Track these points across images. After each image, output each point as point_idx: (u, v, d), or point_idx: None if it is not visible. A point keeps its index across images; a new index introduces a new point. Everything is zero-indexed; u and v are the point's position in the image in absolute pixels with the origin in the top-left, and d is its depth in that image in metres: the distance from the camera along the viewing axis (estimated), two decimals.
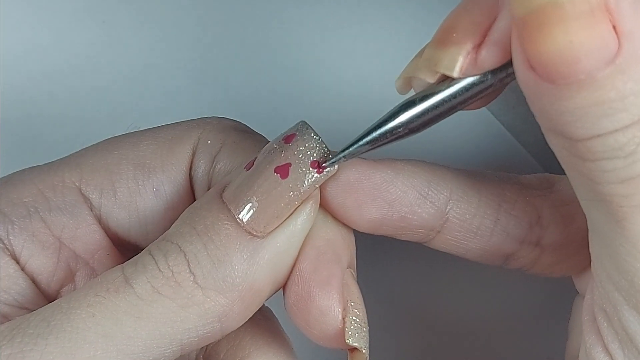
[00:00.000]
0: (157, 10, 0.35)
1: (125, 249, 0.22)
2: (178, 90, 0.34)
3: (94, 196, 0.21)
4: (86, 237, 0.21)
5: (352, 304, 0.20)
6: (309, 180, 0.19)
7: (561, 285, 0.33)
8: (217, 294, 0.19)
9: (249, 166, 0.20)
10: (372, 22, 0.35)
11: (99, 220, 0.21)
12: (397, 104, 0.20)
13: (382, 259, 0.27)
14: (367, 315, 0.21)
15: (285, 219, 0.19)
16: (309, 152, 0.20)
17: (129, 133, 0.22)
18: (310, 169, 0.19)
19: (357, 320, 0.20)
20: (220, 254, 0.19)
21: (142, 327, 0.18)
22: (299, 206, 0.20)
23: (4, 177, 0.22)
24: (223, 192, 0.20)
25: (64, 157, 0.22)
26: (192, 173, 0.22)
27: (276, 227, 0.19)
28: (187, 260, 0.19)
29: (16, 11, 0.35)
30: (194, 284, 0.19)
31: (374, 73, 0.34)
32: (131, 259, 0.19)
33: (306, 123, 0.20)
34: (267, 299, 0.20)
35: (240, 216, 0.19)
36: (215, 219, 0.19)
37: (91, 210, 0.21)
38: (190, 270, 0.19)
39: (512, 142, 0.30)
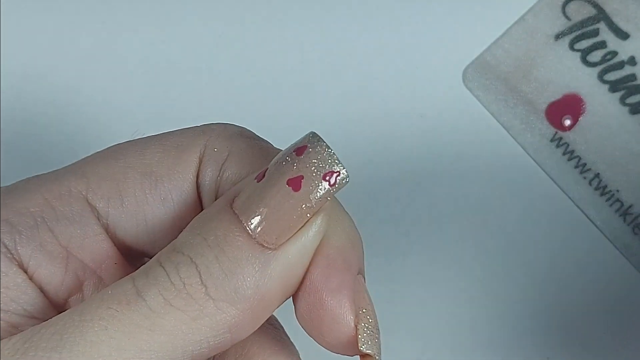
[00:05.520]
0: (157, 10, 0.35)
1: (132, 257, 0.22)
2: (178, 91, 0.34)
3: (101, 205, 0.21)
4: (94, 247, 0.21)
5: (364, 310, 0.20)
6: (321, 192, 0.19)
7: (561, 284, 0.33)
8: (228, 306, 0.19)
9: (260, 177, 0.20)
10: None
11: (106, 230, 0.21)
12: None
13: (382, 258, 0.27)
14: None
15: (297, 231, 0.20)
16: (321, 165, 0.19)
17: (134, 140, 0.22)
18: (323, 181, 0.19)
19: (370, 327, 0.20)
20: (232, 266, 0.19)
21: (155, 340, 0.18)
22: (310, 218, 0.20)
23: (7, 186, 0.21)
24: (233, 202, 0.19)
25: (68, 166, 0.22)
26: (199, 181, 0.22)
27: (288, 239, 0.19)
28: (199, 272, 0.19)
29: (16, 11, 0.35)
30: (206, 296, 0.19)
31: (376, 72, 0.34)
32: (141, 269, 0.19)
33: (317, 134, 0.20)
34: (276, 309, 0.20)
35: (251, 228, 0.19)
36: (227, 231, 0.19)
37: (98, 219, 0.21)
38: (202, 282, 0.19)
39: (512, 142, 0.30)
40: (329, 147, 0.20)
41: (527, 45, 0.26)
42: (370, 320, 0.20)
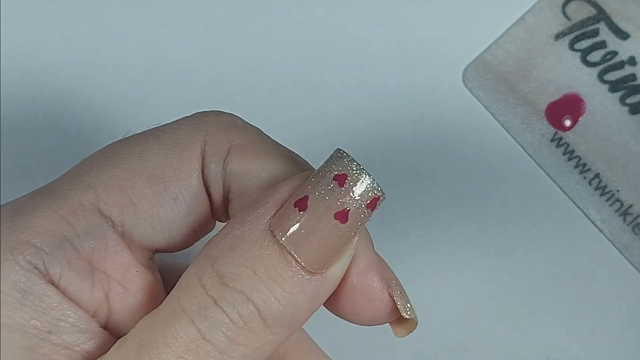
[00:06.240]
0: (157, 10, 0.35)
1: (147, 259, 0.22)
2: (179, 91, 0.34)
3: (114, 215, 0.21)
4: (115, 257, 0.21)
5: (393, 281, 0.22)
6: (365, 220, 0.20)
7: (561, 284, 0.33)
8: (285, 329, 0.20)
9: (303, 206, 0.20)
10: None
11: (122, 237, 0.21)
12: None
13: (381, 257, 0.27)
14: None
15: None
16: (365, 195, 0.20)
17: (129, 140, 0.22)
18: (367, 209, 0.20)
19: (403, 294, 0.22)
20: (287, 297, 0.20)
21: None
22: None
23: (10, 204, 0.21)
24: (276, 230, 0.20)
25: (68, 175, 0.22)
26: (205, 177, 0.22)
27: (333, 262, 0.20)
28: (258, 310, 0.20)
29: (16, 11, 0.35)
30: (266, 328, 0.20)
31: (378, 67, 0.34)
32: (194, 307, 0.20)
33: (346, 153, 0.21)
34: None
35: (302, 259, 0.20)
36: (276, 262, 0.20)
37: (114, 229, 0.21)
38: (261, 317, 0.20)
39: (512, 142, 0.30)
40: (367, 173, 0.20)
41: (527, 45, 0.26)
42: (401, 287, 0.22)
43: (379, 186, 0.20)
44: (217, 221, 0.23)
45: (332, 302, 0.22)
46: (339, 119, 0.34)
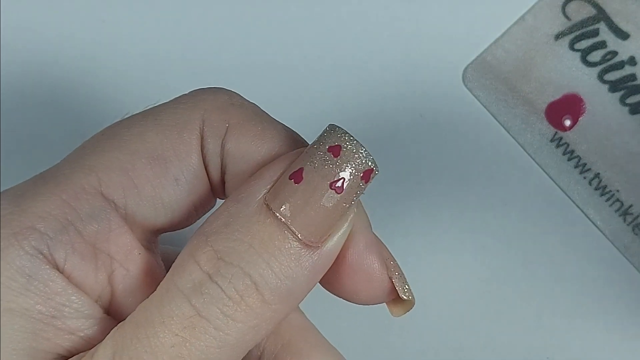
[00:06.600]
0: (157, 10, 0.35)
1: (149, 241, 0.22)
2: (178, 91, 0.34)
3: (117, 197, 0.21)
4: (118, 240, 0.21)
5: (392, 262, 0.22)
6: (360, 190, 0.20)
7: (561, 284, 0.33)
8: (282, 306, 0.20)
9: (298, 179, 0.20)
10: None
11: (125, 220, 0.21)
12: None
13: None
14: (365, 315, 0.21)
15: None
16: (360, 166, 0.20)
17: (128, 121, 0.22)
18: (362, 180, 0.20)
19: (401, 275, 0.22)
20: (285, 270, 0.20)
21: (224, 354, 0.19)
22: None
23: (12, 189, 0.21)
24: (272, 203, 0.20)
25: (69, 160, 0.22)
26: (204, 156, 0.22)
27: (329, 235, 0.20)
28: (255, 283, 0.19)
29: (16, 11, 0.35)
30: (263, 303, 0.20)
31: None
32: (189, 283, 0.19)
33: (338, 127, 0.21)
34: None
35: (298, 230, 0.20)
36: (272, 235, 0.20)
37: (117, 211, 0.21)
38: (258, 292, 0.19)
39: (512, 142, 0.30)
40: (361, 145, 0.20)
41: (527, 45, 0.26)
42: (399, 268, 0.22)
43: (373, 159, 0.21)
44: (217, 198, 0.23)
45: (332, 282, 0.22)
46: (339, 118, 0.34)
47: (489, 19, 0.30)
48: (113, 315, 0.22)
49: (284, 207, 0.20)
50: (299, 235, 0.20)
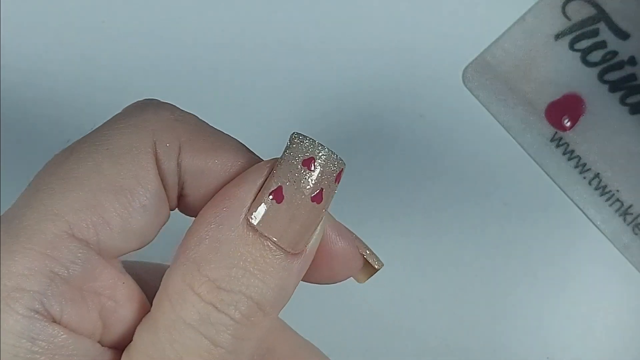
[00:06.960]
0: (156, 11, 0.35)
1: (119, 264, 0.23)
2: (178, 91, 0.34)
3: (90, 237, 0.21)
4: (101, 277, 0.21)
5: (357, 239, 0.23)
6: (334, 191, 0.21)
7: (562, 284, 0.33)
8: (278, 310, 0.21)
9: (279, 197, 0.21)
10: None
11: (101, 254, 0.21)
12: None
13: (381, 258, 0.27)
14: (365, 315, 0.21)
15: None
16: (332, 172, 0.21)
17: (76, 155, 0.22)
18: (335, 183, 0.21)
19: (367, 247, 0.23)
20: (278, 282, 0.21)
21: None
22: None
23: None
24: (257, 225, 0.20)
25: (29, 206, 0.21)
26: (162, 177, 0.22)
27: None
28: (257, 303, 0.20)
29: (16, 11, 0.35)
30: (265, 316, 0.21)
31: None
32: (193, 314, 0.20)
33: (302, 135, 0.21)
34: None
35: (287, 245, 0.21)
36: (263, 253, 0.21)
37: (92, 249, 0.21)
38: (259, 309, 0.20)
39: (512, 142, 0.30)
40: (328, 149, 0.21)
41: (527, 45, 0.26)
42: (363, 243, 0.23)
43: (340, 157, 0.21)
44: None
45: (311, 272, 0.22)
46: (338, 118, 0.34)
47: (489, 19, 0.30)
48: (108, 344, 0.22)
49: (270, 227, 0.20)
50: (287, 250, 0.21)
